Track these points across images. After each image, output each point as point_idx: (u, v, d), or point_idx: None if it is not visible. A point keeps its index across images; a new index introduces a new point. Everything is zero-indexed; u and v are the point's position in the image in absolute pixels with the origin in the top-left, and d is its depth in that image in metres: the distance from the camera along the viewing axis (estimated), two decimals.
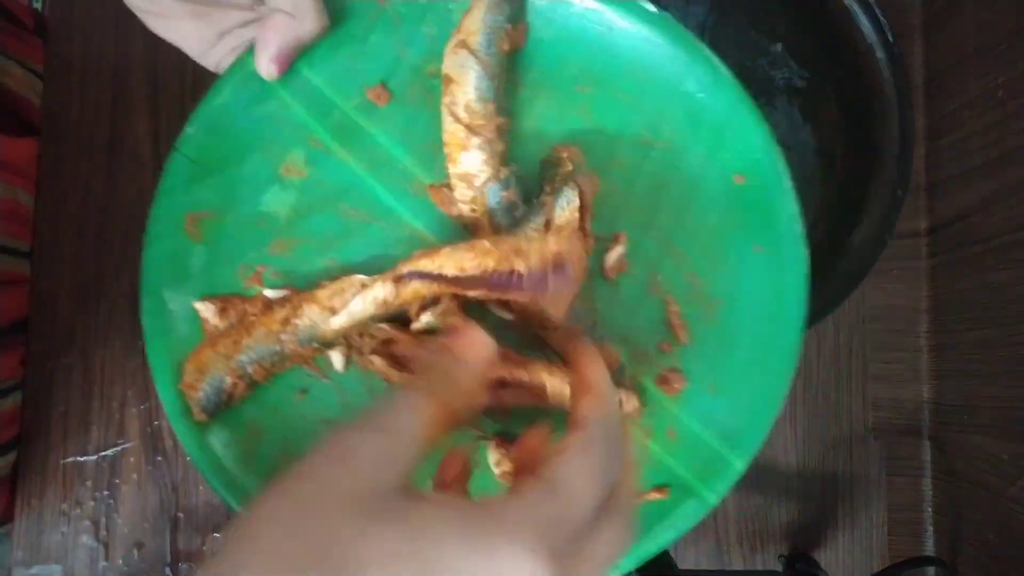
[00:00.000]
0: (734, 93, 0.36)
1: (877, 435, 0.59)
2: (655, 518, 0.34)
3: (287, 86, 0.36)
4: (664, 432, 0.35)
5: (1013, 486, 0.50)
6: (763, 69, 0.56)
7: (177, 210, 0.36)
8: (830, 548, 0.59)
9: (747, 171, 0.36)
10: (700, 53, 0.36)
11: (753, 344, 0.35)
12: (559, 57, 0.37)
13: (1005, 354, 0.50)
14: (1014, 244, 0.49)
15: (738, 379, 0.35)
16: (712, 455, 0.34)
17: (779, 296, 0.35)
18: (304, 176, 0.36)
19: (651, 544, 0.34)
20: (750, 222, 0.36)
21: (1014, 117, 0.49)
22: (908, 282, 0.60)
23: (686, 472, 0.34)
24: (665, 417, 0.35)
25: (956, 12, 0.55)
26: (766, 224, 0.35)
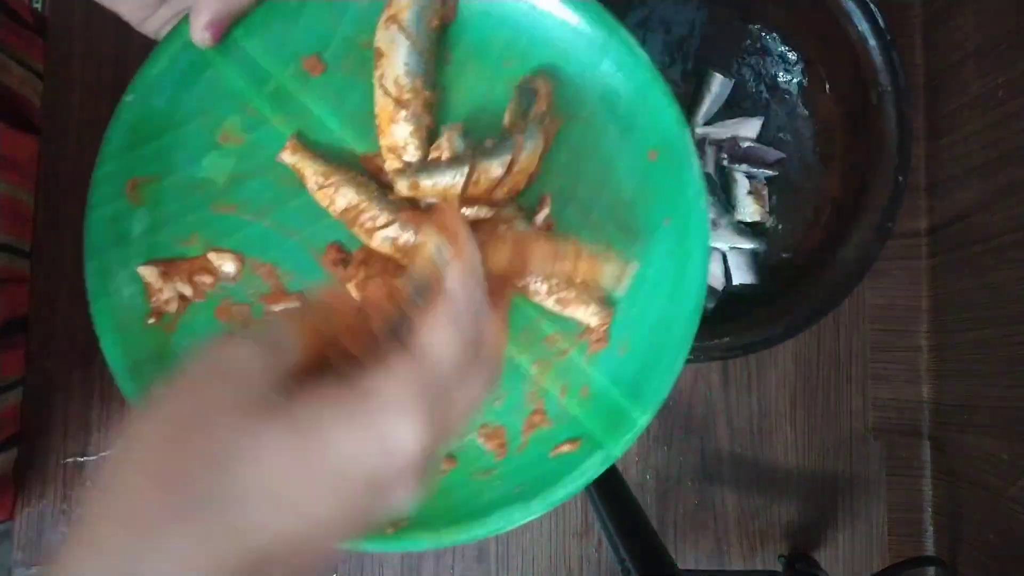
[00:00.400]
0: (648, 74, 0.37)
1: (877, 435, 0.59)
2: (567, 468, 0.36)
3: (223, 55, 0.36)
4: (579, 390, 0.38)
5: (1013, 486, 0.50)
6: (757, 60, 0.55)
7: (118, 175, 0.37)
8: (830, 548, 0.59)
9: (659, 148, 0.37)
10: (617, 34, 0.37)
11: (660, 309, 0.37)
12: (486, 32, 0.38)
13: (1005, 354, 0.50)
14: (1014, 244, 0.49)
15: (646, 341, 0.37)
16: (619, 411, 0.37)
17: (684, 265, 0.37)
18: (241, 143, 0.37)
19: (561, 492, 0.36)
20: (661, 197, 0.38)
21: (1014, 117, 0.49)
22: (908, 282, 0.60)
23: (596, 427, 0.37)
24: (580, 375, 0.38)
25: (956, 12, 0.55)
26: (675, 199, 0.37)
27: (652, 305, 0.37)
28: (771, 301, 0.50)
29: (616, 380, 0.37)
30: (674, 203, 0.37)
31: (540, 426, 0.38)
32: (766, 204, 0.55)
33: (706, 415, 0.59)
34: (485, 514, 0.36)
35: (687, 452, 0.59)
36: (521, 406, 0.38)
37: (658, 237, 0.38)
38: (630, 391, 0.37)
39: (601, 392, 0.37)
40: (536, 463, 0.37)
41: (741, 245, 0.54)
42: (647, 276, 0.37)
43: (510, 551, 0.58)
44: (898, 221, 0.59)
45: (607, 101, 0.38)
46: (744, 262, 0.54)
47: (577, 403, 0.38)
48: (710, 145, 0.56)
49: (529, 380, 0.38)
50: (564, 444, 0.37)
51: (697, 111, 0.56)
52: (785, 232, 0.55)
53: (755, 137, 0.55)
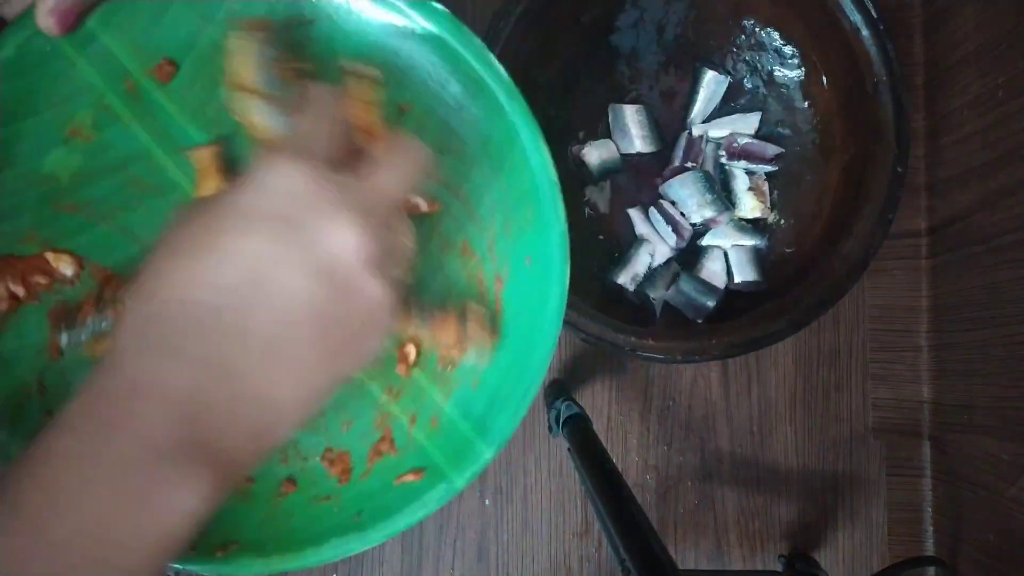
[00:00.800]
0: (491, 102, 0.35)
1: (877, 435, 0.59)
2: (409, 498, 0.36)
3: (78, 46, 0.34)
4: (428, 420, 0.37)
5: (1013, 486, 0.50)
6: (753, 56, 0.55)
7: None
8: (830, 548, 0.59)
9: (527, 188, 0.36)
10: (466, 63, 0.35)
11: (515, 349, 0.36)
12: (341, 47, 0.36)
13: (1005, 354, 0.50)
14: (1014, 244, 0.49)
15: (498, 378, 0.37)
16: (466, 444, 0.36)
17: (542, 306, 0.36)
18: (90, 141, 0.35)
19: (401, 522, 0.35)
20: (526, 236, 0.36)
21: (1014, 117, 0.49)
22: (908, 282, 0.60)
23: (442, 458, 0.36)
24: (430, 406, 0.37)
25: (956, 12, 0.55)
26: (538, 241, 0.36)
27: (508, 343, 0.37)
28: (774, 297, 0.50)
29: (466, 414, 0.37)
30: (536, 245, 0.36)
31: (387, 454, 0.38)
32: (767, 199, 0.55)
33: (706, 415, 0.59)
34: (320, 541, 0.35)
35: (687, 452, 0.59)
36: (369, 432, 0.38)
37: (520, 275, 0.37)
38: (479, 425, 0.36)
39: (450, 424, 0.37)
40: (379, 491, 0.37)
41: (742, 242, 0.54)
42: (507, 318, 0.37)
43: (510, 551, 0.58)
44: (898, 214, 0.59)
45: (449, 127, 0.37)
46: (746, 259, 0.54)
47: (425, 433, 0.37)
48: (708, 143, 0.56)
49: (378, 406, 0.38)
50: (409, 473, 0.36)
51: (693, 109, 0.56)
52: (788, 227, 0.55)
53: (753, 133, 0.55)
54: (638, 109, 0.55)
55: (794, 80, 0.55)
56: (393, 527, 0.35)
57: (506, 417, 0.36)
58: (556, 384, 0.56)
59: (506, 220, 0.37)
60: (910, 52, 0.60)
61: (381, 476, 0.37)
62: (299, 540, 0.35)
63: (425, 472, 0.36)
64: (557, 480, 0.59)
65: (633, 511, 0.42)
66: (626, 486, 0.44)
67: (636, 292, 0.54)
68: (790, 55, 0.54)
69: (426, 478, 0.36)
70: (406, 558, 0.58)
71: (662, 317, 0.54)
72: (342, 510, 0.36)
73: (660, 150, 0.56)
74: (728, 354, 0.48)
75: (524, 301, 0.37)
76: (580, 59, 0.56)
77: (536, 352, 0.36)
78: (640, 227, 0.56)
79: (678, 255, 0.56)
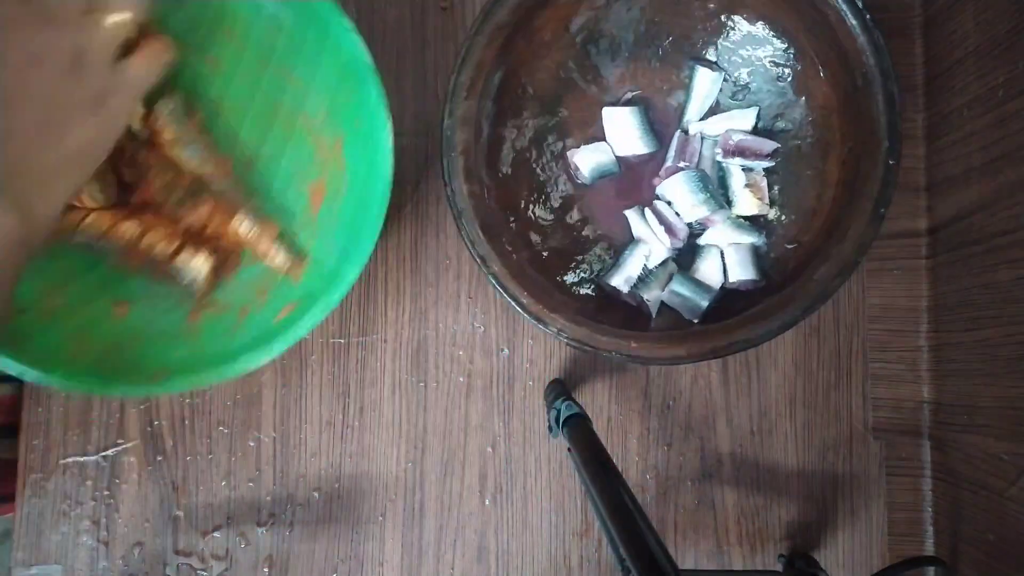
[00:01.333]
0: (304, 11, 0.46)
1: (877, 435, 0.59)
2: (296, 318, 0.45)
3: None
4: (305, 262, 0.49)
5: (1013, 486, 0.50)
6: (747, 51, 0.55)
7: None
8: (830, 548, 0.59)
9: (344, 69, 0.46)
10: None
11: (360, 188, 0.47)
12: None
13: (1005, 354, 0.50)
14: (1014, 244, 0.49)
15: (352, 213, 0.47)
16: (335, 271, 0.46)
17: (375, 151, 0.45)
18: None
19: (293, 335, 0.45)
20: (352, 103, 0.47)
21: (1014, 117, 0.49)
22: (908, 282, 0.60)
23: (317, 285, 0.46)
24: (302, 250, 0.49)
25: (956, 12, 0.55)
26: (363, 101, 0.46)
27: (354, 185, 0.47)
28: (771, 295, 0.50)
29: (331, 250, 0.48)
30: (362, 108, 0.46)
31: (270, 292, 0.49)
32: (765, 196, 0.55)
33: (706, 415, 0.59)
34: (234, 358, 0.45)
35: (687, 452, 0.59)
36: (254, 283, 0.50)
37: (353, 135, 0.47)
38: (343, 255, 0.46)
39: (321, 261, 0.48)
40: (267, 323, 0.47)
41: (740, 240, 0.54)
42: (349, 171, 0.48)
43: (510, 550, 0.58)
44: (898, 214, 0.59)
45: (298, 33, 0.47)
46: (743, 257, 0.54)
47: (305, 272, 0.49)
48: (704, 141, 0.55)
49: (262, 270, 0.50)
50: (287, 306, 0.47)
51: (688, 108, 0.56)
52: (789, 222, 0.55)
53: (750, 129, 0.55)
54: (632, 111, 0.55)
55: (790, 74, 0.54)
56: (286, 340, 0.45)
57: (363, 242, 0.45)
58: (556, 384, 0.56)
59: (334, 95, 0.48)
60: (910, 52, 0.60)
61: (271, 311, 0.47)
62: (215, 361, 0.45)
63: (302, 302, 0.46)
64: (557, 480, 0.59)
65: (633, 511, 0.42)
66: (626, 486, 0.44)
67: (632, 293, 0.54)
68: (784, 49, 0.54)
69: (304, 303, 0.45)
70: (406, 558, 0.58)
71: (659, 317, 0.53)
72: (247, 336, 0.46)
73: (657, 150, 0.56)
74: (725, 352, 0.48)
75: (361, 150, 0.47)
76: (571, 64, 0.56)
77: (376, 186, 0.45)
78: (637, 229, 0.56)
79: (676, 255, 0.56)
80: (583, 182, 0.57)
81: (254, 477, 0.58)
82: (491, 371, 0.59)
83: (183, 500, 0.58)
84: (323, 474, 0.58)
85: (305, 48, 0.47)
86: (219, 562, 0.58)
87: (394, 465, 0.59)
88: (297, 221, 0.50)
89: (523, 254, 0.52)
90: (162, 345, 0.47)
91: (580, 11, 0.54)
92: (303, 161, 0.50)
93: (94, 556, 0.57)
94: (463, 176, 0.50)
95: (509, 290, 0.49)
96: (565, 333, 0.49)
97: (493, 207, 0.51)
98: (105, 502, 0.58)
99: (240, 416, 0.58)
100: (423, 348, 0.59)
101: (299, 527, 0.58)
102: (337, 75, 0.47)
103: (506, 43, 0.51)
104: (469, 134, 0.50)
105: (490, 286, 0.59)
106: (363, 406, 0.59)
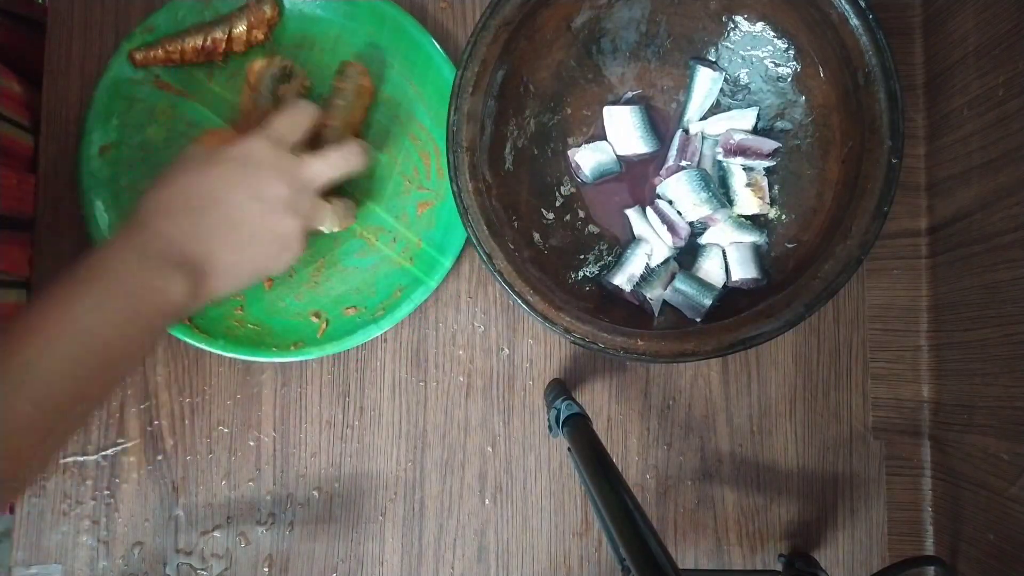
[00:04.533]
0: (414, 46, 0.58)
1: (877, 435, 0.59)
2: (402, 300, 0.57)
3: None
4: (408, 252, 0.58)
5: (1013, 486, 0.50)
6: (747, 51, 0.55)
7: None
8: (830, 548, 0.59)
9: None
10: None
11: (451, 204, 0.54)
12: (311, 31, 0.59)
13: (1005, 354, 0.50)
14: (1014, 244, 0.49)
15: (447, 215, 0.57)
16: (433, 260, 0.57)
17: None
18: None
19: (399, 313, 0.57)
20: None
21: (1014, 117, 0.49)
22: (908, 282, 0.60)
23: (419, 272, 0.57)
24: (411, 243, 0.58)
25: (956, 12, 0.55)
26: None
27: (446, 202, 0.58)
28: (775, 293, 0.50)
29: (430, 242, 0.58)
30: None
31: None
32: (766, 195, 0.55)
33: (706, 414, 0.59)
34: (353, 331, 0.57)
35: (687, 452, 0.59)
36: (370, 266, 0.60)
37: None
38: (438, 246, 0.57)
39: (423, 251, 0.58)
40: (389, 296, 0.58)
41: (742, 239, 0.54)
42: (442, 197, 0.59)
43: (510, 550, 0.58)
44: (898, 214, 0.59)
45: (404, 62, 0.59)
46: (745, 256, 0.54)
47: (406, 259, 0.58)
48: (704, 140, 0.55)
49: (385, 255, 0.59)
50: (396, 291, 0.57)
51: (688, 107, 0.56)
52: (790, 221, 0.55)
53: (751, 128, 0.55)
54: (633, 110, 0.55)
55: (790, 74, 0.54)
56: (393, 318, 0.57)
57: (455, 238, 0.57)
58: (556, 384, 0.56)
59: (432, 113, 0.58)
60: (910, 52, 0.60)
61: (388, 288, 0.58)
62: (340, 337, 0.57)
63: (407, 287, 0.57)
64: (557, 480, 0.59)
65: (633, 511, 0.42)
66: (626, 486, 0.44)
67: (634, 292, 0.54)
68: (785, 48, 0.54)
69: (408, 286, 0.57)
70: (406, 558, 0.58)
71: (662, 316, 0.53)
72: (368, 313, 0.57)
73: (657, 149, 0.56)
74: (726, 351, 0.48)
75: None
76: (572, 63, 0.56)
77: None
78: (638, 227, 0.55)
79: (678, 254, 0.56)
80: (584, 181, 0.57)
81: (254, 477, 0.58)
82: (491, 371, 0.59)
83: (183, 500, 0.58)
84: (323, 473, 0.58)
85: (415, 72, 0.58)
86: (219, 561, 0.58)
87: (394, 465, 0.59)
88: (407, 221, 0.59)
89: (525, 253, 0.52)
90: (304, 327, 0.57)
91: (582, 10, 0.54)
92: (403, 177, 0.59)
93: (94, 556, 0.57)
94: (468, 173, 0.50)
95: (515, 288, 0.49)
96: (572, 332, 0.48)
97: (495, 205, 0.51)
98: (105, 502, 0.57)
99: (240, 416, 0.58)
100: (423, 348, 0.59)
101: (299, 526, 0.58)
102: (437, 97, 0.58)
103: (509, 41, 0.50)
104: (474, 131, 0.50)
105: (490, 286, 0.59)
106: (363, 406, 0.59)
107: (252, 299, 0.57)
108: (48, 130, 0.58)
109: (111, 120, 0.56)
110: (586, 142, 0.56)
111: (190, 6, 0.57)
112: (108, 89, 0.56)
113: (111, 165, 0.56)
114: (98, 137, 0.56)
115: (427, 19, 0.60)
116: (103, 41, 0.59)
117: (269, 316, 0.57)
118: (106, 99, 0.56)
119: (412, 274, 0.57)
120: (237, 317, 0.57)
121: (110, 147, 0.56)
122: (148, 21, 0.57)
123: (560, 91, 0.56)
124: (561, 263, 0.55)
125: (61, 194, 0.58)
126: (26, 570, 0.57)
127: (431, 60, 0.57)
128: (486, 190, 0.51)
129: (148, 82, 0.57)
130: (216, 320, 0.56)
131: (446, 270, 0.57)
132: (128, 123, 0.57)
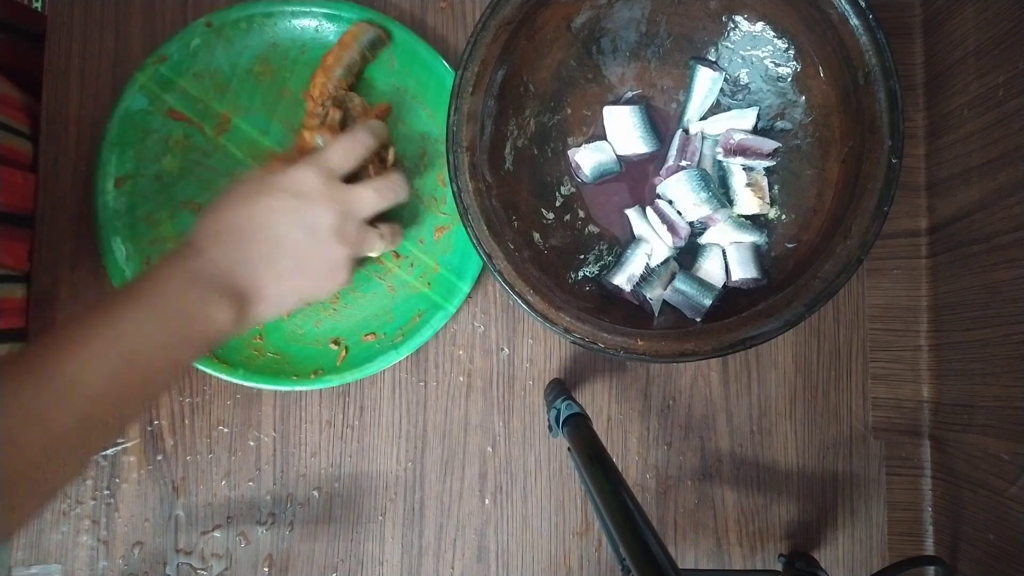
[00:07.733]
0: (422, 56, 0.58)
1: (877, 435, 0.59)
2: (420, 325, 0.57)
3: (168, 92, 0.57)
4: (426, 277, 0.58)
5: (1013, 486, 0.50)
6: (747, 51, 0.55)
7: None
8: (830, 548, 0.59)
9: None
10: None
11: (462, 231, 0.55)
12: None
13: (1005, 354, 0.50)
14: (1014, 244, 0.49)
15: (464, 241, 0.57)
16: (451, 284, 0.57)
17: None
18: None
19: (419, 339, 0.57)
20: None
21: (1014, 117, 0.49)
22: (908, 282, 0.60)
23: (437, 297, 0.57)
24: (428, 268, 0.58)
25: (956, 12, 0.55)
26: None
27: (459, 231, 0.57)
28: (775, 293, 0.50)
29: (447, 267, 0.58)
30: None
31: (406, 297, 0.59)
32: (766, 195, 0.55)
33: (706, 414, 0.59)
34: (373, 358, 0.56)
35: (687, 452, 0.59)
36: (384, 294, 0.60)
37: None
38: (456, 271, 0.58)
39: (440, 275, 0.58)
40: (407, 322, 0.58)
41: (742, 239, 0.54)
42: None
43: (510, 550, 0.58)
44: (898, 214, 0.59)
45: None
46: (745, 256, 0.54)
47: (423, 284, 0.58)
48: (704, 140, 0.55)
49: (402, 280, 0.59)
50: (415, 316, 0.57)
51: (688, 107, 0.56)
52: (790, 221, 0.55)
53: (751, 128, 0.55)
54: (633, 110, 0.55)
55: (790, 74, 0.54)
56: (411, 345, 0.56)
57: (472, 263, 0.57)
58: (556, 384, 0.56)
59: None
60: (910, 52, 0.60)
61: (407, 313, 0.58)
62: (360, 364, 0.56)
63: (426, 311, 0.57)
64: (557, 480, 0.59)
65: (633, 511, 0.42)
66: (626, 486, 0.44)
67: (634, 292, 0.54)
68: (784, 48, 0.54)
69: (427, 311, 0.57)
70: (406, 557, 0.58)
71: (662, 316, 0.53)
72: (387, 339, 0.57)
73: (657, 149, 0.56)
74: (726, 351, 0.48)
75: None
76: (572, 63, 0.56)
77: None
78: (638, 227, 0.55)
79: (678, 254, 0.56)
80: (584, 181, 0.57)
81: (254, 477, 0.58)
82: (491, 371, 0.59)
83: (183, 499, 0.58)
84: (323, 473, 0.58)
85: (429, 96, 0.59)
86: (219, 561, 0.58)
87: (394, 464, 0.59)
88: (424, 246, 0.59)
89: (525, 253, 0.52)
90: (324, 355, 0.57)
91: (582, 10, 0.54)
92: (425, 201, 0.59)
93: (94, 556, 0.57)
94: (468, 172, 0.50)
95: (515, 288, 0.49)
96: (572, 332, 0.49)
97: (495, 205, 0.51)
98: (105, 501, 0.57)
99: (240, 416, 0.58)
100: (423, 347, 0.59)
101: (299, 526, 0.58)
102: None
103: (509, 40, 0.51)
104: (474, 131, 0.50)
105: (490, 286, 0.59)
106: (363, 406, 0.59)
107: (271, 327, 0.57)
108: (48, 130, 0.58)
109: (126, 151, 0.56)
110: (586, 142, 0.56)
111: (202, 33, 0.56)
112: (122, 120, 0.56)
113: (127, 196, 0.56)
114: (113, 169, 0.56)
115: (427, 20, 0.60)
116: (103, 41, 0.59)
117: (288, 344, 0.57)
118: (119, 130, 0.56)
119: (430, 299, 0.57)
120: (256, 346, 0.56)
121: (126, 179, 0.56)
122: (160, 50, 0.56)
123: (560, 91, 0.56)
124: (561, 263, 0.55)
125: (61, 193, 0.58)
126: (26, 570, 0.57)
127: (443, 83, 0.57)
128: (486, 190, 0.51)
129: (162, 112, 0.57)
130: (235, 349, 0.56)
131: (464, 294, 0.56)
132: (143, 154, 0.57)
